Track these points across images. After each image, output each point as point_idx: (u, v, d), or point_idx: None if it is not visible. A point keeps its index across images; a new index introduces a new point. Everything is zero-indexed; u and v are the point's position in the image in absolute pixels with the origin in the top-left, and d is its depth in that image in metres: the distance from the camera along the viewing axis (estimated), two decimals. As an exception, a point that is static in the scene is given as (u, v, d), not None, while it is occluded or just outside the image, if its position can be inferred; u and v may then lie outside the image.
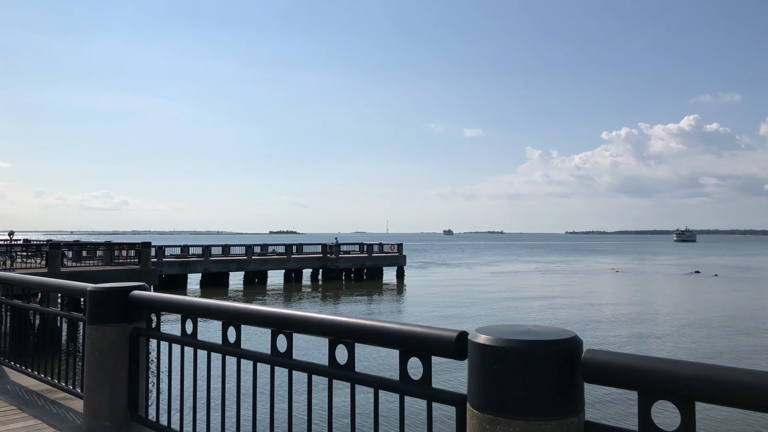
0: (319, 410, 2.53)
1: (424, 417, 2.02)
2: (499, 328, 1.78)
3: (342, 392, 2.40)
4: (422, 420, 2.02)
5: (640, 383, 1.55)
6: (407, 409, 2.09)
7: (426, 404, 2.00)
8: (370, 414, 2.16)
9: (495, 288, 42.25)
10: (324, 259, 49.12)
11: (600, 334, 22.79)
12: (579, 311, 29.49)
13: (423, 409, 2.02)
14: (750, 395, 1.38)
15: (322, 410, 2.57)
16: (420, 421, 2.20)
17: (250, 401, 2.68)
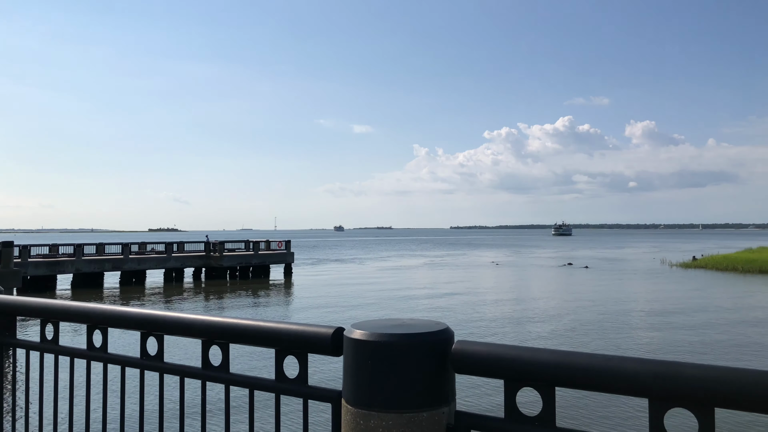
0: (193, 413, 2.39)
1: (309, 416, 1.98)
2: (374, 323, 1.77)
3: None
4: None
5: (505, 372, 1.58)
6: (293, 408, 2.01)
7: (302, 403, 1.95)
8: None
9: (383, 283, 42.58)
10: (207, 258, 47.39)
11: (477, 326, 23.51)
12: (460, 303, 30.31)
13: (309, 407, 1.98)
14: (603, 379, 1.46)
15: (199, 412, 2.30)
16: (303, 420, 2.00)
17: (118, 406, 2.43)
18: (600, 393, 1.54)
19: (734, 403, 1.35)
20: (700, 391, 1.38)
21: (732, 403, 1.35)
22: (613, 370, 1.46)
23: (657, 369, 1.43)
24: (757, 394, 1.32)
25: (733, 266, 51.37)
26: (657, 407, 1.44)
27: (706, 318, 25.08)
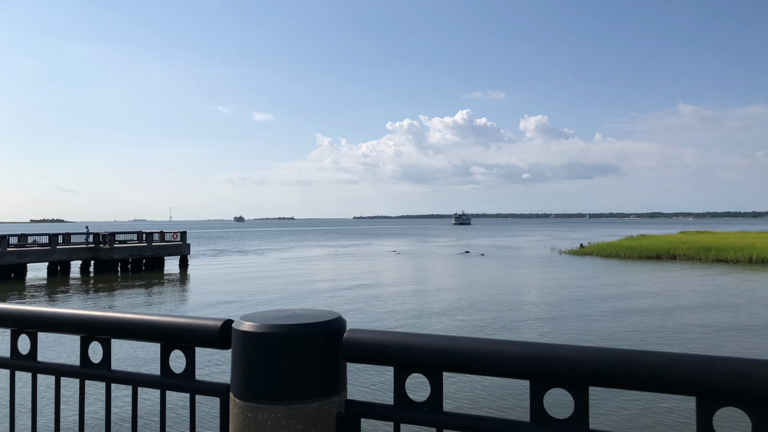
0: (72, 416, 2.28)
1: (199, 411, 1.91)
2: (264, 314, 1.74)
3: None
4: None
5: (395, 359, 1.60)
6: (181, 403, 1.78)
7: (189, 398, 1.88)
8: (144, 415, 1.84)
9: (285, 274, 42.02)
10: (96, 250, 44.77)
11: (376, 314, 23.71)
12: (360, 292, 30.44)
13: (201, 403, 1.91)
14: (488, 362, 1.51)
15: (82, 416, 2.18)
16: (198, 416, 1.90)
17: None
18: (487, 377, 1.55)
19: (605, 382, 1.42)
20: (576, 371, 1.43)
21: (603, 382, 1.42)
22: (498, 353, 1.50)
23: (538, 352, 1.48)
24: (625, 372, 1.40)
25: (615, 253, 55.03)
26: (537, 388, 1.49)
27: (591, 301, 26.65)
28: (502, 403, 12.07)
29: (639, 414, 11.44)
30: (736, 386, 1.34)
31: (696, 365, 1.38)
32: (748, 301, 26.64)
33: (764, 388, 1.33)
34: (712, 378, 1.36)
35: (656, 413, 11.37)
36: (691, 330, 20.08)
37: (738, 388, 1.34)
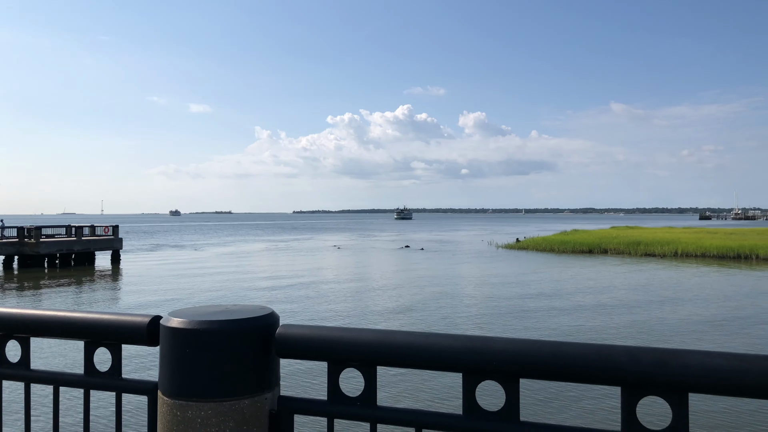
0: None
1: (125, 410, 1.87)
2: (194, 310, 1.71)
3: None
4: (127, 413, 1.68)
5: (329, 354, 1.59)
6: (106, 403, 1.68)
7: (115, 397, 1.84)
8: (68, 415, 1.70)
9: (223, 269, 41.20)
10: (20, 245, 42.65)
11: (313, 309, 23.53)
12: (297, 288, 30.18)
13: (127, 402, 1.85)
14: (421, 356, 1.52)
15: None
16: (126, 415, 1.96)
17: None
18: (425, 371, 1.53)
19: (535, 373, 1.44)
20: (506, 364, 1.46)
21: (534, 374, 1.44)
22: (431, 347, 1.51)
23: (470, 344, 1.50)
24: (555, 363, 1.43)
25: (550, 247, 56.61)
26: (469, 381, 1.50)
27: (527, 294, 27.30)
28: (433, 394, 12.21)
29: (569, 404, 11.76)
30: (658, 376, 1.39)
31: (622, 356, 1.41)
32: (675, 292, 27.88)
33: (683, 377, 1.38)
34: (637, 368, 1.39)
35: (585, 403, 11.72)
36: (621, 321, 20.83)
37: (659, 377, 1.38)
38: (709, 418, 10.72)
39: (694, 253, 48.90)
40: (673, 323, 20.57)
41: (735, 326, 19.98)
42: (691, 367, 1.36)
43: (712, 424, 10.54)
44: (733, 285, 31.08)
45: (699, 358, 1.37)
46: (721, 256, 47.35)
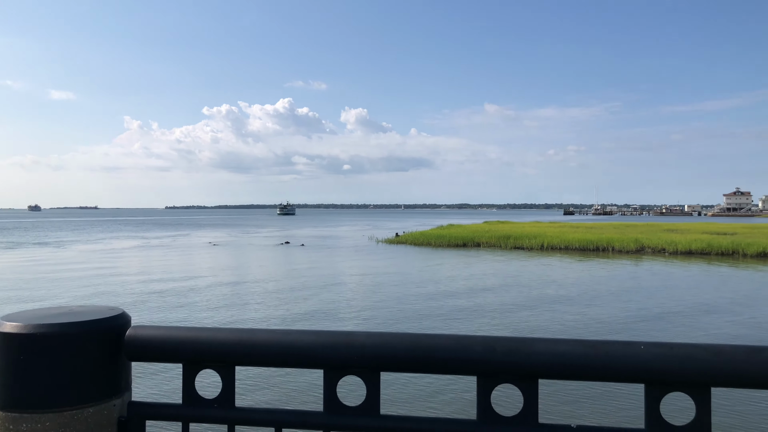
0: None
1: None
2: (31, 313, 1.61)
3: None
4: None
5: (184, 355, 1.55)
6: None
7: None
8: None
9: (86, 268, 38.41)
10: None
11: (175, 309, 22.57)
12: (163, 287, 28.80)
13: None
14: (282, 354, 1.50)
15: None
16: None
17: None
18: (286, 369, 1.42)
19: (395, 366, 1.46)
20: (367, 358, 1.46)
21: (393, 366, 1.46)
22: (292, 344, 1.50)
23: (332, 340, 1.49)
24: (414, 355, 1.45)
25: (427, 241, 58.26)
26: (330, 377, 1.50)
27: (405, 286, 27.78)
28: (293, 394, 12.10)
29: (428, 396, 12.06)
30: (510, 364, 1.44)
31: (477, 346, 1.45)
32: (540, 282, 29.64)
33: (533, 364, 1.44)
34: (491, 357, 1.44)
35: (444, 394, 12.10)
36: (492, 310, 21.77)
37: (512, 365, 1.44)
38: (551, 403, 11.44)
39: (559, 246, 52.33)
40: (537, 310, 21.84)
41: (594, 312, 21.57)
42: (541, 354, 1.42)
43: (554, 410, 11.26)
44: (591, 275, 33.61)
45: (548, 345, 1.44)
46: (582, 248, 51.03)
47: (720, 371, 1.37)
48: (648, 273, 34.87)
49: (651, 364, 1.39)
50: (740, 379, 1.38)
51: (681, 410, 1.58)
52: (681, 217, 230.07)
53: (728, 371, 1.37)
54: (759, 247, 45.25)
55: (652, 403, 1.44)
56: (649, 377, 1.41)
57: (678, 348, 1.40)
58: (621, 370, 1.40)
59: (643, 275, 33.68)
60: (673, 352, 1.39)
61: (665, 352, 1.40)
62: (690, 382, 1.40)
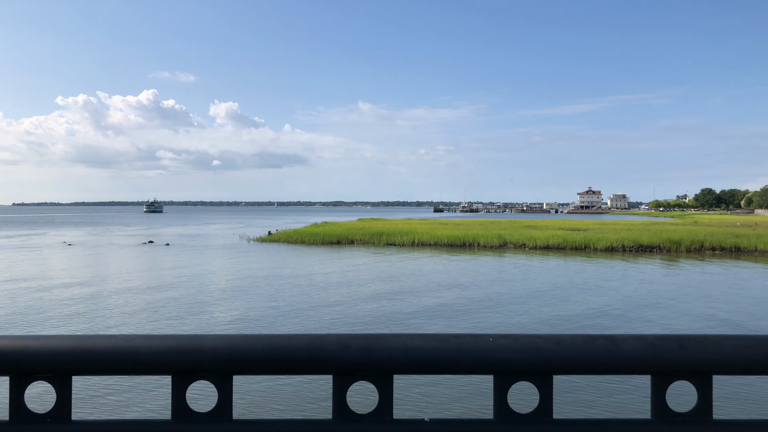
0: None
1: None
2: None
3: None
4: None
5: (11, 366, 1.44)
6: None
7: None
8: None
9: None
10: None
11: (23, 319, 20.57)
12: (8, 292, 26.17)
13: None
14: (126, 361, 1.44)
15: None
16: None
17: None
18: None
19: (249, 369, 1.43)
20: (219, 362, 1.42)
21: (247, 369, 1.43)
22: (136, 350, 1.43)
23: (180, 344, 1.43)
24: (268, 357, 1.43)
25: (301, 239, 57.70)
26: (179, 383, 1.44)
27: (276, 286, 27.19)
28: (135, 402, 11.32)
29: (282, 399, 11.78)
30: (365, 361, 1.47)
31: (332, 344, 1.47)
32: (410, 276, 30.24)
33: (388, 360, 1.47)
34: (346, 355, 1.46)
35: (298, 393, 11.87)
36: (360, 305, 21.85)
37: (367, 362, 1.46)
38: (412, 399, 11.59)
39: (428, 242, 53.92)
40: (407, 304, 22.20)
41: (460, 304, 22.29)
42: (396, 349, 1.46)
43: (410, 405, 11.41)
44: (458, 268, 34.87)
45: (402, 340, 1.48)
46: (450, 244, 52.93)
47: (561, 359, 1.49)
48: (510, 266, 36.79)
49: (499, 355, 1.48)
50: (579, 366, 1.50)
51: (526, 398, 1.63)
52: (540, 214, 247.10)
53: (568, 359, 1.49)
54: (607, 242, 49.44)
55: (500, 393, 1.51)
56: (498, 368, 1.49)
57: (523, 339, 1.51)
58: (472, 362, 1.47)
59: (506, 268, 35.47)
60: (518, 344, 1.49)
61: (511, 343, 1.49)
62: (534, 371, 1.50)
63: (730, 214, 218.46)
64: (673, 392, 1.57)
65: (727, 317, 20.38)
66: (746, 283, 29.68)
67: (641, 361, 1.50)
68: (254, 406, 10.79)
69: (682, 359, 1.51)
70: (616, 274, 33.02)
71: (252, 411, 10.62)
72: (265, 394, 11.48)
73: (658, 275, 33.23)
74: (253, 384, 11.61)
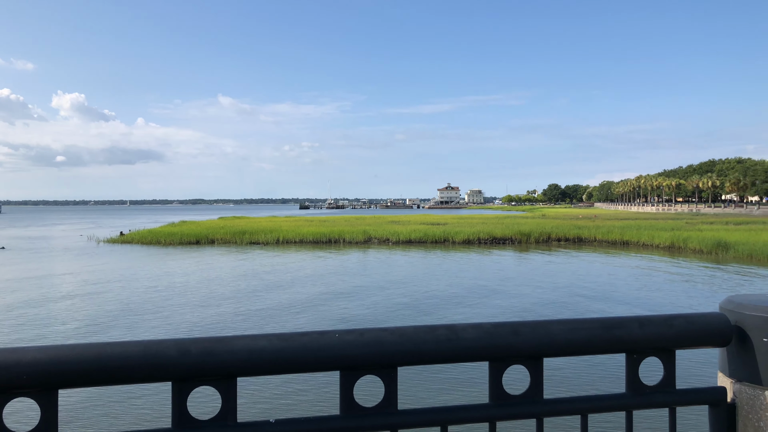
0: None
1: None
2: None
3: None
4: None
5: None
6: None
7: None
8: None
9: None
10: None
11: None
12: None
13: None
14: None
15: None
16: None
17: None
18: None
19: (77, 382, 1.35)
20: (41, 376, 1.32)
21: (75, 382, 1.34)
22: None
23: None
24: (98, 368, 1.34)
25: (156, 240, 54.62)
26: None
27: (125, 290, 25.45)
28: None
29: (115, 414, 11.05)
30: (207, 365, 1.41)
31: (171, 350, 1.40)
32: (273, 274, 29.63)
33: (230, 363, 1.43)
34: (186, 360, 1.40)
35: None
36: (223, 306, 21.02)
37: (208, 366, 1.41)
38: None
39: (294, 239, 53.32)
40: (271, 302, 21.69)
41: (323, 299, 22.15)
42: (238, 352, 1.41)
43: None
44: (324, 265, 34.76)
45: (245, 342, 1.44)
46: (316, 241, 52.71)
47: (405, 352, 1.51)
48: (375, 260, 37.34)
49: (345, 351, 1.47)
50: (421, 356, 1.52)
51: (372, 392, 1.57)
52: (403, 210, 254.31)
53: (412, 351, 1.51)
54: (464, 235, 51.84)
55: (346, 388, 1.51)
56: (344, 364, 1.48)
57: (368, 333, 1.51)
58: (318, 360, 1.46)
59: (370, 262, 35.93)
60: (364, 338, 1.49)
61: (357, 338, 1.49)
62: (379, 365, 1.51)
63: (574, 207, 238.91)
64: (508, 377, 1.62)
65: (567, 300, 22.05)
66: (586, 269, 32.37)
67: (480, 348, 1.57)
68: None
69: (516, 345, 1.58)
70: (472, 265, 34.61)
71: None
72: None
73: (510, 264, 35.34)
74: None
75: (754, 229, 53.22)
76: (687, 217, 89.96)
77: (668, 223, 67.57)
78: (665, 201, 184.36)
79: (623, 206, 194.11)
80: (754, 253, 36.49)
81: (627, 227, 57.23)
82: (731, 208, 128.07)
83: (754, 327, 1.67)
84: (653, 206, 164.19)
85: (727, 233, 47.10)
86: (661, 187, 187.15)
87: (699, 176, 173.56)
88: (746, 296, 1.78)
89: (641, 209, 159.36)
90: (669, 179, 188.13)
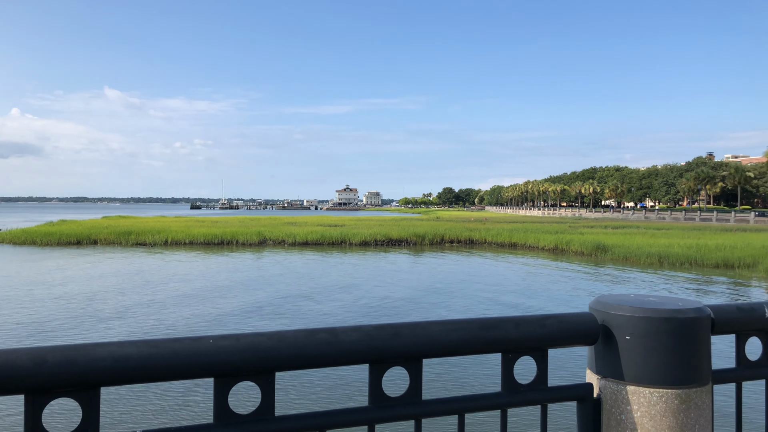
0: None
1: None
2: None
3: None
4: None
5: None
6: None
7: None
8: None
9: None
10: None
11: None
12: None
13: None
14: None
15: None
16: None
17: None
18: None
19: None
20: None
21: None
22: None
23: None
24: None
25: (32, 240, 50.59)
26: None
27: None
28: None
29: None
30: (66, 375, 1.32)
31: (24, 359, 1.30)
32: (159, 277, 28.25)
33: (94, 372, 1.34)
34: (41, 370, 1.30)
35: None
36: (105, 311, 19.72)
37: (68, 376, 1.32)
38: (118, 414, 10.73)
39: (183, 240, 51.17)
40: (153, 309, 20.60)
41: (209, 304, 21.33)
42: (103, 360, 1.32)
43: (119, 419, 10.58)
44: (214, 267, 33.61)
45: (110, 349, 1.34)
46: (207, 242, 50.86)
47: (283, 356, 1.46)
48: (269, 262, 36.56)
49: (219, 357, 1.41)
50: (300, 361, 1.49)
51: (248, 399, 1.55)
52: (301, 211, 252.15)
53: (290, 355, 1.47)
54: (361, 237, 51.99)
55: (220, 396, 1.44)
56: (219, 370, 1.42)
57: (245, 338, 1.45)
58: (190, 366, 1.39)
59: (264, 265, 35.13)
60: (240, 343, 1.43)
61: (233, 343, 1.43)
62: (257, 370, 1.45)
63: (467, 210, 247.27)
64: (387, 378, 1.60)
65: (455, 302, 22.57)
66: (477, 269, 33.39)
67: (360, 351, 1.54)
68: None
69: (396, 346, 1.57)
70: (368, 266, 34.72)
71: None
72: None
73: (404, 265, 35.78)
74: None
75: (629, 233, 57.21)
76: (570, 221, 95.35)
77: (553, 226, 71.28)
78: (551, 205, 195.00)
79: (512, 210, 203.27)
80: (629, 255, 39.15)
81: (515, 230, 59.74)
82: (610, 212, 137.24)
83: (618, 325, 1.73)
84: (540, 210, 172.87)
85: (606, 236, 50.27)
86: (547, 192, 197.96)
87: (582, 182, 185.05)
88: (612, 296, 1.83)
89: (529, 213, 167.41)
90: (554, 185, 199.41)
